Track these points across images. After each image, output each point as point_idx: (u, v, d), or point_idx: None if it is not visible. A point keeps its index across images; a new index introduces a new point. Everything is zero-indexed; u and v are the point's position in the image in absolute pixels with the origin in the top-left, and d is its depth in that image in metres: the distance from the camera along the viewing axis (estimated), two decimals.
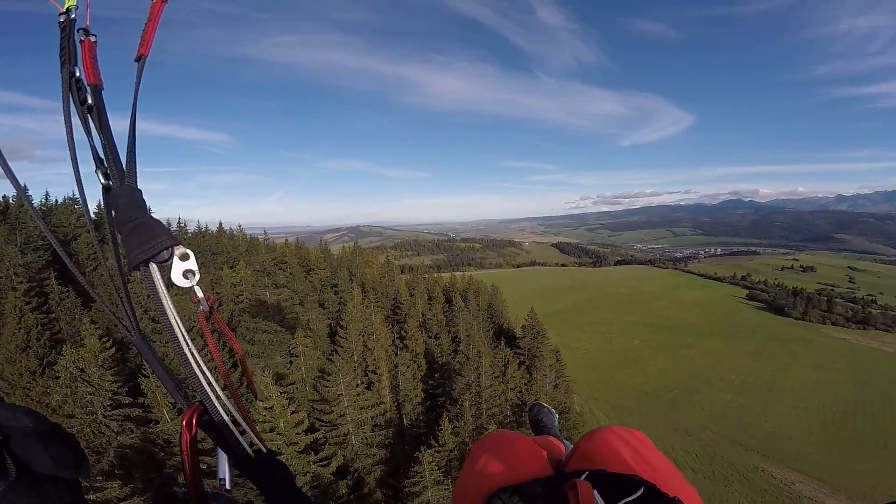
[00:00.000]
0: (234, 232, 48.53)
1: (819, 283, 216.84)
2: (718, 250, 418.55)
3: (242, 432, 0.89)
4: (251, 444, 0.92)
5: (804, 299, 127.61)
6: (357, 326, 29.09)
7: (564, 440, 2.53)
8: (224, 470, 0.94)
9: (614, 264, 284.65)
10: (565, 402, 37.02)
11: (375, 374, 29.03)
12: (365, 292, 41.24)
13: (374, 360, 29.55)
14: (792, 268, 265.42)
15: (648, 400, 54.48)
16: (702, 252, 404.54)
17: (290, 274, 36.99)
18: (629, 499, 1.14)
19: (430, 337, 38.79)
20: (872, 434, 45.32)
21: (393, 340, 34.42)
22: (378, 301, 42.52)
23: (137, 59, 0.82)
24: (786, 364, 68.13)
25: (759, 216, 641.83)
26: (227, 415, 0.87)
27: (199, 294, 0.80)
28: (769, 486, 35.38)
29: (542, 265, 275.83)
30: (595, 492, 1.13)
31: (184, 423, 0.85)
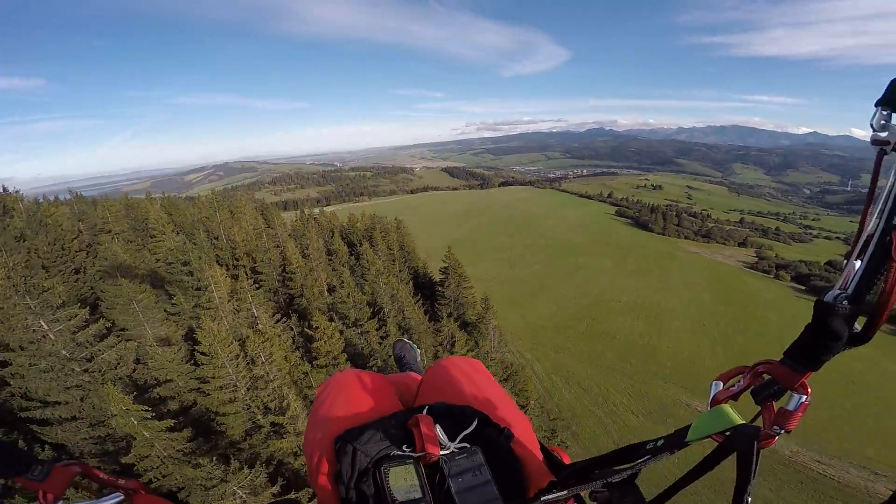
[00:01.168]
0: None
1: (666, 199, 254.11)
2: (584, 171, 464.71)
3: None
4: None
5: (661, 215, 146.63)
6: (228, 347, 16.85)
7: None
8: None
9: (499, 185, 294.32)
10: (511, 364, 31.92)
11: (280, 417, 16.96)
12: (233, 268, 28.99)
13: (276, 397, 17.85)
14: (645, 186, 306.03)
15: (566, 333, 53.72)
16: (571, 173, 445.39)
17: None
18: (467, 431, 1.24)
19: (347, 325, 27.40)
20: (758, 353, 51.12)
21: (295, 346, 23.57)
22: (257, 277, 30.57)
23: None
24: (662, 283, 72.93)
25: (618, 143, 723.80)
26: None
27: None
28: None
29: (436, 189, 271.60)
30: (437, 426, 1.22)
31: None
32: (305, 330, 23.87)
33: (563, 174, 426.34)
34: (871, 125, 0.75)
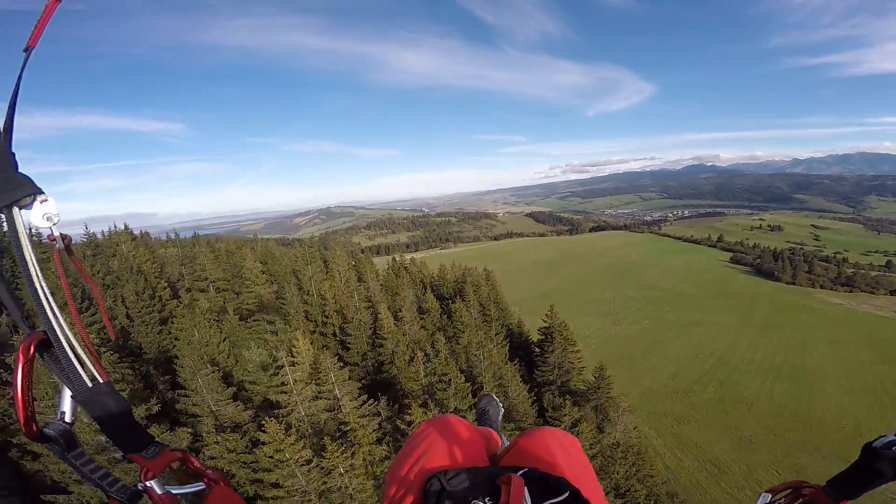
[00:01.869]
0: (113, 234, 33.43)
1: (787, 241, 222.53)
2: (686, 212, 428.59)
3: (83, 364, 0.92)
4: (92, 378, 0.94)
5: (788, 261, 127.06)
6: (299, 452, 14.79)
7: (503, 436, 2.68)
8: (65, 403, 0.95)
9: (590, 230, 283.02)
10: (638, 450, 28.22)
11: None
12: (322, 325, 28.39)
13: None
14: (760, 227, 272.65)
15: (689, 400, 47.90)
16: (670, 214, 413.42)
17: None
18: (555, 500, 1.25)
19: (442, 408, 22.61)
20: None
21: (382, 433, 20.33)
22: (346, 339, 29.04)
23: (25, 50, 0.86)
24: (801, 338, 64.04)
25: (722, 179, 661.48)
26: (69, 346, 0.90)
27: (56, 233, 0.87)
28: None
29: (520, 235, 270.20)
30: (525, 489, 1.23)
31: (21, 348, 0.86)
32: (397, 422, 20.66)
33: (662, 216, 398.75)
34: None
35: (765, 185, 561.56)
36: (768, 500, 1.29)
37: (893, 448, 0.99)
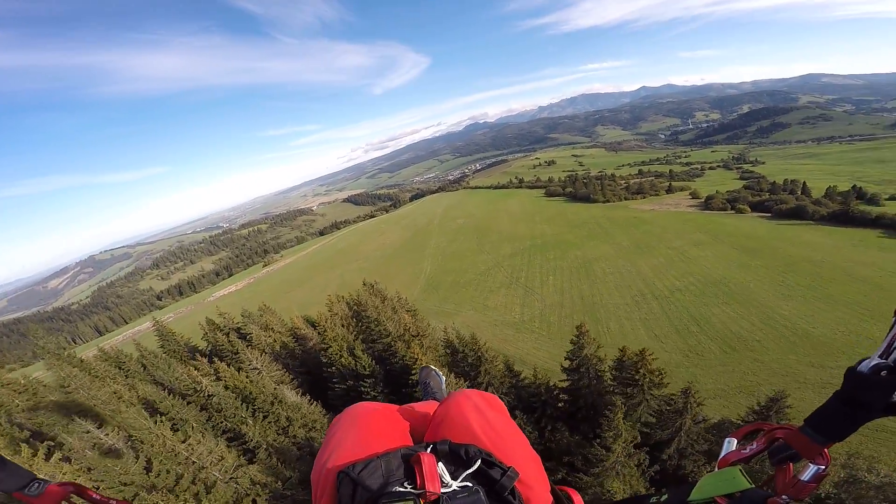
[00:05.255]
0: None
1: (564, 170, 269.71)
2: (478, 165, 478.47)
3: None
4: None
5: (597, 184, 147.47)
6: None
7: None
8: None
9: (410, 200, 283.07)
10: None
11: None
12: None
13: None
14: (540, 164, 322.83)
15: (698, 353, 39.18)
16: (466, 170, 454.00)
17: None
18: (469, 471, 1.24)
19: None
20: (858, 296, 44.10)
21: None
22: None
23: None
24: (677, 252, 67.33)
25: (495, 132, 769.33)
26: None
27: None
28: None
29: (346, 223, 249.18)
30: (440, 464, 1.23)
31: None
32: None
33: (461, 174, 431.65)
34: None
35: (526, 131, 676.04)
36: (733, 447, 1.17)
37: (883, 373, 0.83)
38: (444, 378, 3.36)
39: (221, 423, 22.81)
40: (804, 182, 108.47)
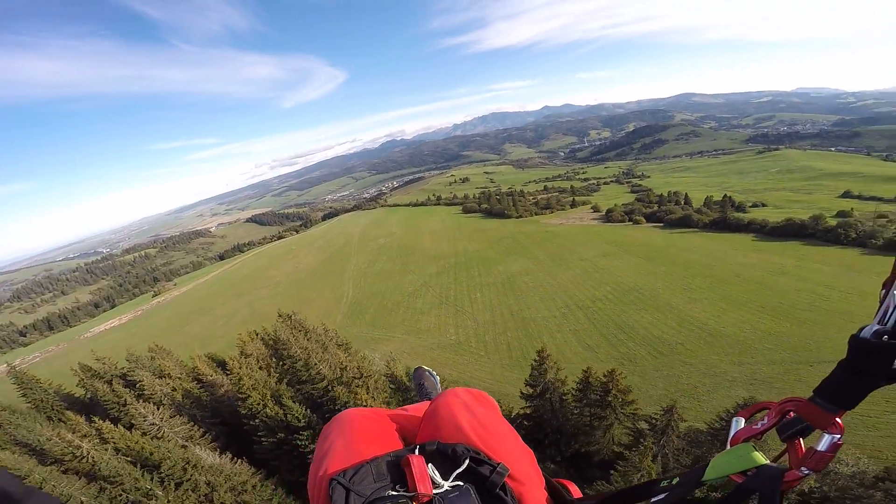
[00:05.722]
0: None
1: (477, 187, 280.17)
2: (395, 183, 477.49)
3: None
4: None
5: (511, 201, 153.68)
6: None
7: None
8: None
9: (323, 219, 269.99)
10: None
11: None
12: None
13: None
14: (456, 181, 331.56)
15: (632, 360, 38.70)
16: (384, 188, 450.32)
17: None
18: (459, 470, 1.25)
19: None
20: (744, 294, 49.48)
21: None
22: None
23: None
24: (593, 264, 70.01)
25: (412, 150, 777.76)
26: None
27: None
28: None
29: (251, 245, 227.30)
30: (430, 465, 1.23)
31: None
32: None
33: (377, 191, 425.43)
34: None
35: (441, 148, 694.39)
36: (741, 425, 1.16)
37: (884, 337, 0.83)
38: (438, 378, 3.35)
39: (120, 496, 16.50)
40: (686, 193, 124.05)
